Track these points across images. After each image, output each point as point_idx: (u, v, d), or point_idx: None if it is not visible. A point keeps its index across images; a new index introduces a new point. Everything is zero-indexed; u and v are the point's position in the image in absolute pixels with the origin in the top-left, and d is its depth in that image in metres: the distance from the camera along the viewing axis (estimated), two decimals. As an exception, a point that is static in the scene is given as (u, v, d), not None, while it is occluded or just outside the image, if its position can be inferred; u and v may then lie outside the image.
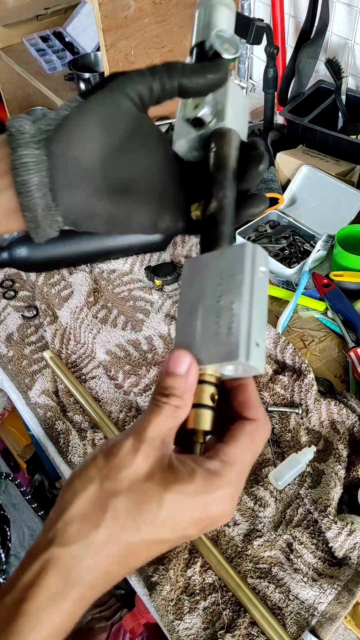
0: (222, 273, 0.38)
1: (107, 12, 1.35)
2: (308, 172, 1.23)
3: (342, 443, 0.87)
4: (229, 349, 0.36)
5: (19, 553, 0.72)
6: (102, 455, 0.35)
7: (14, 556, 0.70)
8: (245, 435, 0.37)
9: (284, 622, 0.73)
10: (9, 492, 0.78)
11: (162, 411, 0.36)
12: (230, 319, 0.36)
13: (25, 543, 0.76)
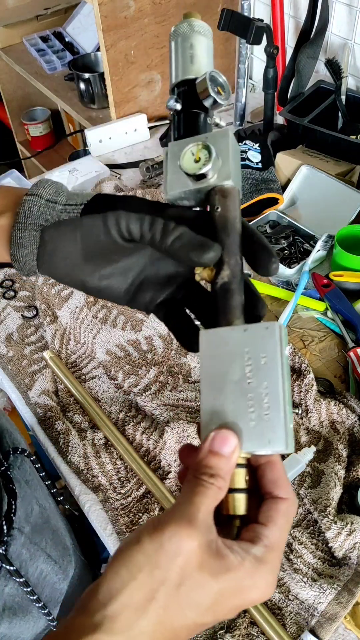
0: (249, 352, 0.38)
1: (107, 12, 1.35)
2: (308, 172, 1.23)
3: (341, 443, 0.87)
4: (269, 438, 0.36)
5: (23, 527, 0.73)
6: (150, 540, 0.34)
7: (17, 530, 0.71)
8: (282, 517, 0.37)
9: (283, 622, 0.73)
10: (23, 468, 0.78)
11: (209, 493, 0.35)
12: (266, 404, 0.37)
13: (32, 519, 0.76)
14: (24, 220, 0.46)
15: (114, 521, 0.84)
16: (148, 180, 1.43)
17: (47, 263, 0.46)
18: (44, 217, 0.46)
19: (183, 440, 0.89)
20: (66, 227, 0.46)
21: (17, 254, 0.46)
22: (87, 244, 0.45)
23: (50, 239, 0.46)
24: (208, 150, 0.42)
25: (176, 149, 0.44)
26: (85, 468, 0.90)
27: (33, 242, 0.46)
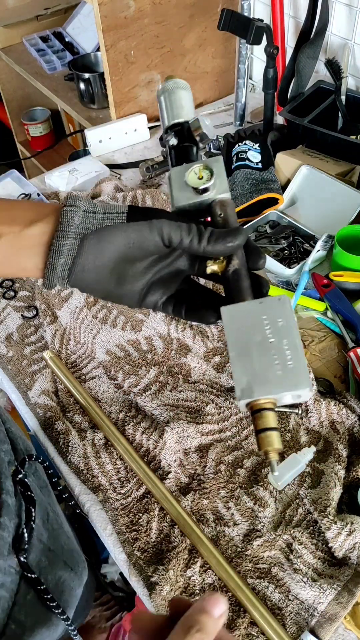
0: (267, 319, 0.47)
1: (107, 12, 1.35)
2: (308, 172, 1.23)
3: (341, 443, 0.87)
4: (296, 382, 0.44)
5: (42, 535, 0.72)
6: None
7: (36, 537, 0.70)
8: None
9: (283, 622, 0.73)
10: (38, 474, 0.78)
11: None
12: (288, 356, 0.45)
13: (49, 526, 0.76)
14: (66, 228, 0.49)
15: (114, 521, 0.84)
16: (148, 180, 1.43)
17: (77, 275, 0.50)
18: (85, 225, 0.50)
19: (183, 440, 0.89)
20: (110, 231, 0.49)
21: (55, 262, 0.49)
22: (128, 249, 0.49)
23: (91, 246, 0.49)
24: (209, 170, 0.53)
25: (178, 172, 0.55)
26: (85, 468, 0.90)
27: (71, 251, 0.49)
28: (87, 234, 0.49)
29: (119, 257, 0.50)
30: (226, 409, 0.94)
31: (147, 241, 0.49)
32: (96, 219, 0.50)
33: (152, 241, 0.49)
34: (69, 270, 0.50)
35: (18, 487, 0.70)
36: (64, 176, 1.41)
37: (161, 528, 0.82)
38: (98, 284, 0.51)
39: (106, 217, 0.50)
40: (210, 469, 0.88)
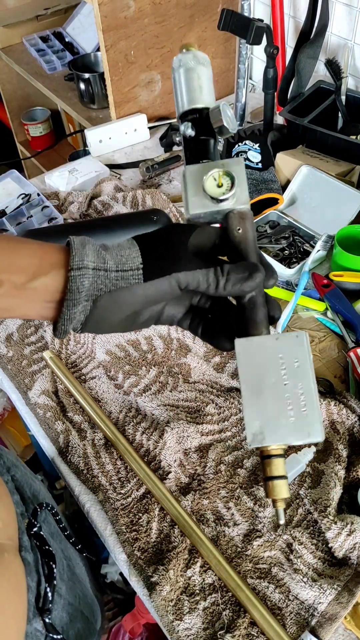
0: (283, 358, 0.45)
1: (107, 12, 1.35)
2: (308, 173, 1.23)
3: (342, 443, 0.87)
4: (309, 431, 0.43)
5: (60, 589, 0.69)
6: None
7: (56, 593, 0.68)
8: None
9: (283, 622, 0.73)
10: (48, 521, 0.76)
11: None
12: (302, 402, 0.43)
13: (65, 576, 0.73)
14: (77, 296, 0.46)
15: (114, 521, 0.84)
16: (148, 180, 1.43)
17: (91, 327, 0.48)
18: (96, 286, 0.46)
19: (183, 440, 0.89)
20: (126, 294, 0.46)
21: (67, 327, 0.47)
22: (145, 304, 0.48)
23: (105, 307, 0.47)
24: (230, 177, 0.49)
25: (195, 172, 0.50)
26: (85, 468, 0.90)
27: (82, 313, 0.47)
28: (100, 296, 0.46)
29: (135, 311, 0.48)
30: (226, 409, 0.94)
31: (165, 294, 0.47)
32: (109, 279, 0.46)
33: (170, 293, 0.47)
34: (81, 325, 0.48)
35: (34, 541, 0.67)
36: (64, 176, 1.41)
37: (161, 528, 0.82)
38: (113, 329, 0.49)
39: (119, 276, 0.47)
40: (210, 469, 0.88)
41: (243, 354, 0.45)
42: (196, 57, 0.55)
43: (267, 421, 0.43)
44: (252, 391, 0.44)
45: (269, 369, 0.44)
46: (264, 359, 0.45)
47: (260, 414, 0.43)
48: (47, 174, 1.44)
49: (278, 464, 0.44)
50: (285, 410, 0.43)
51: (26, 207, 1.30)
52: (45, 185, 1.44)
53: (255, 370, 0.44)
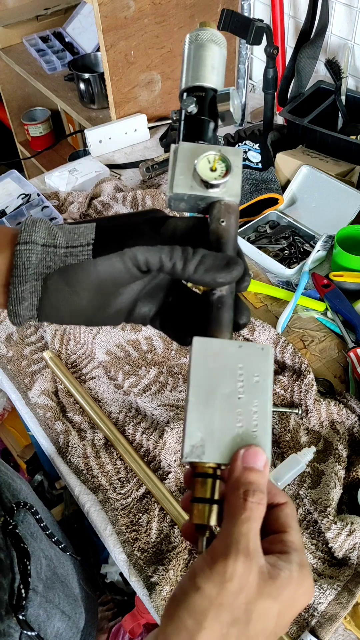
0: (243, 369, 0.39)
1: (107, 12, 1.35)
2: (308, 173, 1.23)
3: (341, 443, 0.87)
4: None
5: (37, 587, 0.68)
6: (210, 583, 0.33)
7: (32, 590, 0.67)
8: (293, 519, 0.38)
9: (283, 622, 0.73)
10: (27, 520, 0.75)
11: (255, 515, 0.35)
12: (255, 422, 0.38)
13: (43, 575, 0.73)
14: (23, 272, 0.42)
15: (114, 521, 0.84)
16: (148, 180, 1.43)
17: (48, 313, 0.44)
18: (45, 264, 0.43)
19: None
20: (76, 271, 0.42)
21: (17, 309, 0.43)
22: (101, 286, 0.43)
23: (57, 287, 0.42)
24: (226, 163, 0.44)
25: (188, 150, 0.45)
26: (85, 468, 0.90)
27: (34, 294, 0.43)
28: (49, 274, 0.42)
29: (92, 293, 0.43)
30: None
31: (120, 274, 0.42)
32: (57, 255, 0.43)
33: (126, 273, 0.42)
34: (36, 310, 0.43)
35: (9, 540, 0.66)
36: (64, 176, 1.41)
37: (161, 528, 0.82)
38: (74, 317, 0.45)
39: (69, 252, 0.43)
40: (210, 469, 0.87)
41: (199, 354, 0.39)
42: (213, 35, 0.51)
43: (211, 435, 0.38)
44: (201, 397, 0.38)
45: (224, 378, 0.39)
46: (221, 364, 0.39)
47: (205, 424, 0.38)
48: (47, 174, 1.44)
49: (208, 484, 0.38)
50: (233, 427, 0.38)
51: (26, 207, 1.30)
52: (45, 186, 1.44)
53: (210, 374, 0.39)
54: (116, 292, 0.44)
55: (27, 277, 0.42)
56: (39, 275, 0.42)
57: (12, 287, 0.42)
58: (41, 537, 0.77)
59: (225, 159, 0.44)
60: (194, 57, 0.51)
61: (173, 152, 0.45)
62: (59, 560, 0.83)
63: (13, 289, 0.42)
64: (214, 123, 0.50)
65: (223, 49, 0.52)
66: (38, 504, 0.86)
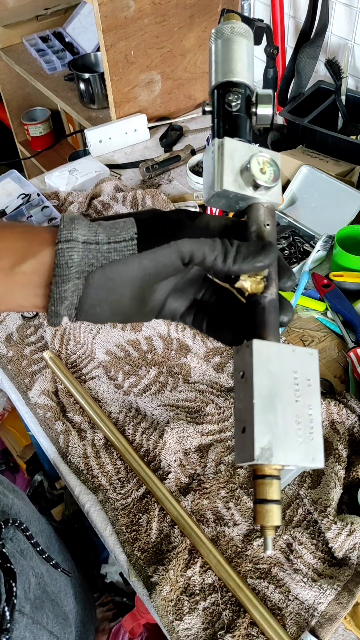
0: (297, 373, 0.42)
1: (107, 12, 1.35)
2: (308, 173, 1.23)
3: (341, 443, 0.87)
4: (313, 456, 0.40)
5: (23, 608, 0.67)
6: None
7: (18, 612, 0.66)
8: None
9: (283, 622, 0.73)
10: (17, 537, 0.73)
11: None
12: (310, 425, 0.41)
13: (31, 594, 0.71)
14: (66, 271, 0.41)
15: (114, 521, 0.84)
16: (148, 180, 1.43)
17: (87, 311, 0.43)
18: (87, 261, 0.42)
19: (183, 440, 0.89)
20: (122, 267, 0.42)
21: (58, 309, 0.42)
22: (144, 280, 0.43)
23: (99, 284, 0.42)
24: (274, 167, 0.44)
25: (234, 147, 0.44)
26: (85, 468, 0.90)
27: (75, 292, 0.42)
28: (92, 272, 0.42)
29: (134, 290, 0.43)
30: (226, 409, 0.94)
31: (166, 268, 0.42)
32: (100, 252, 0.42)
33: (172, 266, 0.42)
34: (75, 310, 0.43)
35: None
36: (64, 176, 1.41)
37: (161, 528, 0.82)
38: (114, 316, 0.45)
39: (112, 248, 0.42)
40: (210, 469, 0.88)
41: (260, 358, 0.40)
42: (247, 32, 0.51)
43: (277, 438, 0.39)
44: (265, 402, 0.40)
45: (283, 382, 0.41)
46: (279, 369, 0.41)
47: (272, 428, 0.39)
48: (47, 174, 1.44)
49: (274, 485, 0.39)
50: (294, 430, 0.40)
51: (26, 207, 1.30)
52: (45, 185, 1.44)
53: (270, 379, 0.40)
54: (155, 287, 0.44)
55: (70, 276, 0.41)
56: (80, 273, 0.42)
57: (55, 286, 0.41)
58: (32, 554, 0.75)
59: (274, 163, 0.44)
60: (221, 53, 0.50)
61: (218, 147, 0.45)
62: (51, 576, 0.81)
63: (55, 289, 0.41)
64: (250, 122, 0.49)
65: (248, 40, 0.51)
66: (33, 516, 0.84)
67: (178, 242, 0.42)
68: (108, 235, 0.43)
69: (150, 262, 0.42)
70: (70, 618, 0.85)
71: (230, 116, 0.48)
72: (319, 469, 0.86)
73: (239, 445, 0.40)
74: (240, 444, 0.40)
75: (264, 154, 0.44)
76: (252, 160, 0.43)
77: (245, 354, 0.41)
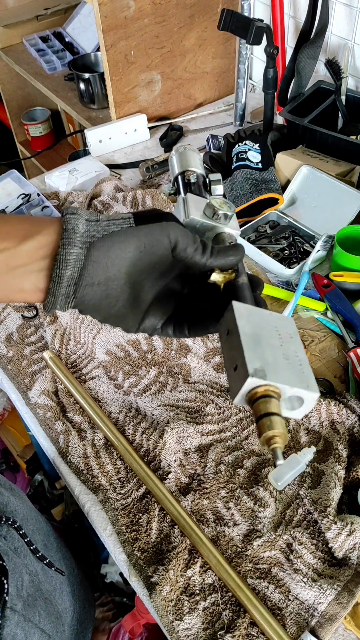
0: (279, 329, 0.46)
1: (107, 12, 1.35)
2: (308, 173, 1.23)
3: (341, 443, 0.87)
4: (307, 383, 0.43)
5: (15, 605, 0.66)
6: None
7: (10, 609, 0.66)
8: None
9: (283, 622, 0.73)
10: (10, 535, 0.73)
11: None
12: (298, 361, 0.44)
13: (24, 592, 0.70)
14: (72, 236, 0.45)
15: (114, 521, 0.84)
16: (148, 180, 1.43)
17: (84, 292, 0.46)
18: (90, 233, 0.46)
19: (183, 440, 0.89)
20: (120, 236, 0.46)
21: (62, 273, 0.44)
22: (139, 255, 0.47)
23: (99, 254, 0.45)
24: (229, 206, 0.55)
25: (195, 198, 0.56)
26: (85, 468, 0.90)
27: (77, 263, 0.45)
28: (93, 242, 0.45)
29: (130, 266, 0.47)
30: (226, 409, 0.94)
31: (158, 244, 0.47)
32: (101, 226, 0.46)
33: (163, 244, 0.47)
34: (75, 285, 0.45)
35: None
36: (64, 176, 1.41)
37: (161, 528, 0.82)
38: (106, 301, 0.47)
39: (111, 223, 0.47)
40: (210, 469, 0.88)
41: (240, 314, 0.45)
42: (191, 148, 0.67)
43: (267, 364, 0.42)
44: (252, 341, 0.43)
45: (266, 330, 0.45)
46: (261, 322, 0.45)
47: (260, 358, 0.42)
48: (47, 174, 1.44)
49: (274, 402, 0.41)
50: (283, 361, 0.43)
51: (26, 207, 1.30)
52: (45, 185, 1.44)
53: (253, 326, 0.44)
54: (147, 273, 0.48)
55: (75, 241, 0.45)
56: (84, 244, 0.45)
57: (62, 248, 0.44)
58: (26, 552, 0.75)
59: (229, 203, 0.55)
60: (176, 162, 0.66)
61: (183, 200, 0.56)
62: (47, 574, 0.81)
63: (62, 250, 0.44)
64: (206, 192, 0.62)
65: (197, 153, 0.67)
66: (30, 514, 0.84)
67: (169, 224, 0.47)
68: (107, 217, 0.48)
69: (145, 236, 0.46)
70: (64, 617, 0.85)
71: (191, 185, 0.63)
72: (319, 469, 0.86)
73: (234, 381, 0.43)
74: (234, 379, 0.43)
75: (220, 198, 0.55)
76: (211, 200, 0.55)
77: (227, 317, 0.46)
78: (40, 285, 0.46)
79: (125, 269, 0.46)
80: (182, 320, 0.52)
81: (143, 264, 0.47)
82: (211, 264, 0.49)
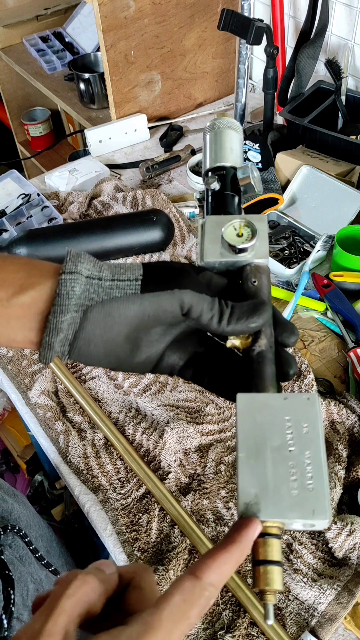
0: (291, 421, 0.39)
1: (107, 12, 1.35)
2: (308, 173, 1.23)
3: (342, 443, 0.87)
4: (314, 508, 0.36)
5: (21, 615, 0.66)
6: None
7: (16, 619, 0.66)
8: None
9: (283, 622, 0.73)
10: (15, 544, 0.72)
11: None
12: (309, 474, 0.37)
13: (29, 601, 0.69)
14: (66, 302, 0.41)
15: (114, 521, 0.84)
16: (148, 180, 1.43)
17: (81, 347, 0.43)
18: (88, 295, 0.42)
19: (183, 440, 0.89)
20: (120, 305, 0.42)
21: (52, 341, 0.41)
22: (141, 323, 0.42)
23: (97, 319, 0.42)
24: (251, 228, 0.46)
25: (214, 222, 0.48)
26: (85, 468, 0.90)
27: (71, 325, 0.41)
28: (91, 306, 0.41)
29: (130, 330, 0.43)
30: (226, 409, 0.94)
31: (165, 313, 0.42)
32: (102, 287, 0.42)
33: (170, 313, 0.42)
34: (69, 346, 0.42)
35: None
36: (64, 176, 1.41)
37: (161, 528, 0.82)
38: (106, 357, 0.44)
39: (115, 284, 0.42)
40: (210, 469, 0.88)
41: (244, 410, 0.39)
42: (228, 122, 0.57)
43: (265, 490, 0.36)
44: (251, 453, 0.38)
45: (273, 431, 0.38)
46: (268, 418, 0.39)
47: (259, 480, 0.37)
48: (47, 174, 1.44)
49: (273, 545, 0.36)
50: (287, 481, 0.37)
51: (26, 207, 1.30)
52: (45, 185, 1.44)
53: (257, 429, 0.39)
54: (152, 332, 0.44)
55: (69, 307, 0.41)
56: (79, 307, 0.41)
57: (52, 316, 0.41)
58: (30, 559, 0.75)
59: (250, 224, 0.46)
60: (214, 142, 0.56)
61: (201, 226, 0.48)
62: (50, 581, 0.81)
63: (53, 318, 0.41)
64: (237, 197, 0.53)
65: (239, 132, 0.57)
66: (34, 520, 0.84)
67: (182, 292, 0.42)
68: (112, 273, 0.43)
69: (151, 305, 0.42)
70: None
71: (215, 196, 0.53)
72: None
73: None
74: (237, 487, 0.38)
75: (240, 219, 0.47)
76: (226, 228, 0.46)
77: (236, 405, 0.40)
78: (33, 340, 0.43)
79: (125, 331, 0.43)
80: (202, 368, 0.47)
81: (148, 326, 0.43)
82: (230, 332, 0.43)
